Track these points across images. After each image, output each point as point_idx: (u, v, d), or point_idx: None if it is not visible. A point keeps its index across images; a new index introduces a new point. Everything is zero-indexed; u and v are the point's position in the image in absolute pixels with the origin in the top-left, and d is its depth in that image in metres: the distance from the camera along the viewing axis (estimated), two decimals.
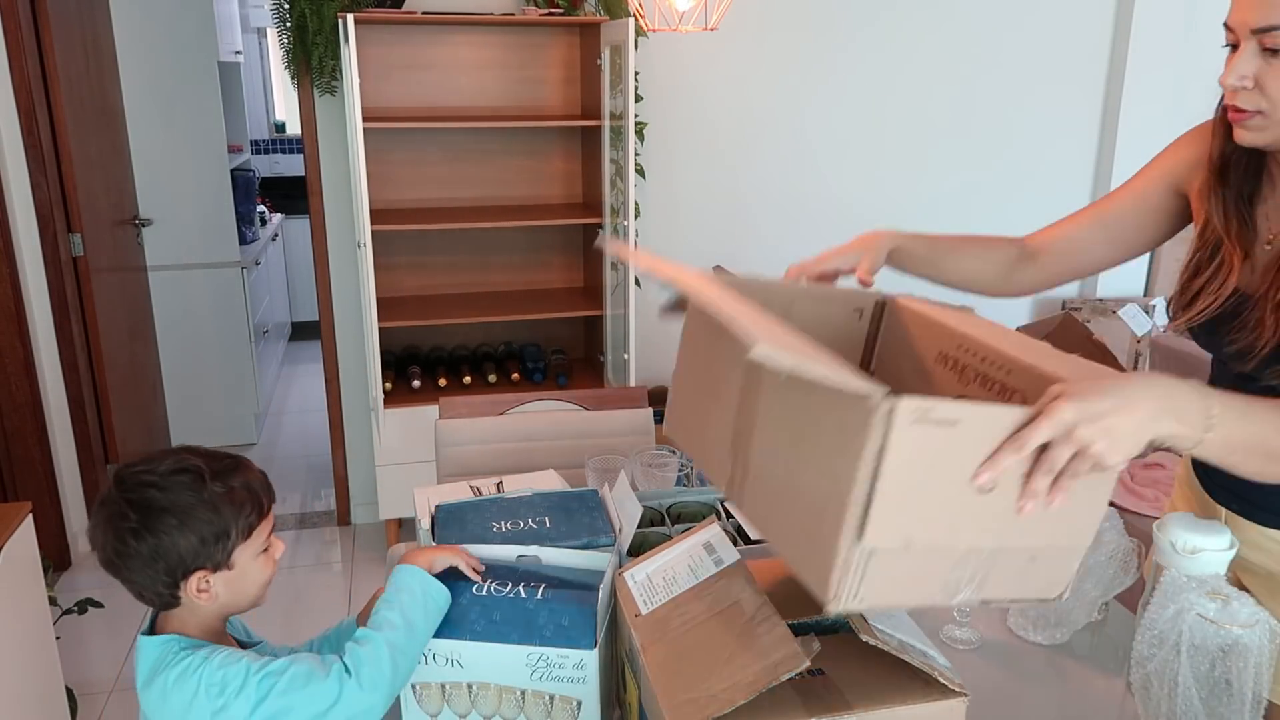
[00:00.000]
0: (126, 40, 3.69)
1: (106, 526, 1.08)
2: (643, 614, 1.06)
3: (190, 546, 1.07)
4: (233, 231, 4.11)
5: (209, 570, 1.09)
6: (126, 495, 1.08)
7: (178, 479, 1.08)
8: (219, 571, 1.10)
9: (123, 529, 1.07)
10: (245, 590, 1.13)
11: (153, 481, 1.08)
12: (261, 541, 1.13)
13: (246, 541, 1.11)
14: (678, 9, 2.71)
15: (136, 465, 1.10)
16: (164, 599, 1.10)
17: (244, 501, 1.10)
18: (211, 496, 1.08)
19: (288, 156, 6.16)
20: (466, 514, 1.36)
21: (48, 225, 3.04)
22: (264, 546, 1.14)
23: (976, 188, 3.80)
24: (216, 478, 1.09)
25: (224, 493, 1.09)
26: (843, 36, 3.53)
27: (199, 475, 1.08)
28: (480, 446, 1.92)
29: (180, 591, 1.09)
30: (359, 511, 3.56)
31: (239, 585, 1.12)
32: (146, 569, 1.07)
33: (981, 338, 1.04)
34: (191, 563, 1.08)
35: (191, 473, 1.08)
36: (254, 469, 1.15)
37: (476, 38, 3.20)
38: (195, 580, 1.08)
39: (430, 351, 3.41)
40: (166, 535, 1.06)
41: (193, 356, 4.10)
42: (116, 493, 1.08)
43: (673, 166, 3.52)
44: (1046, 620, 1.36)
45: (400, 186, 3.27)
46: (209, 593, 1.10)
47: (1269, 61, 1.02)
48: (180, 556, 1.07)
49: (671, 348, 1.27)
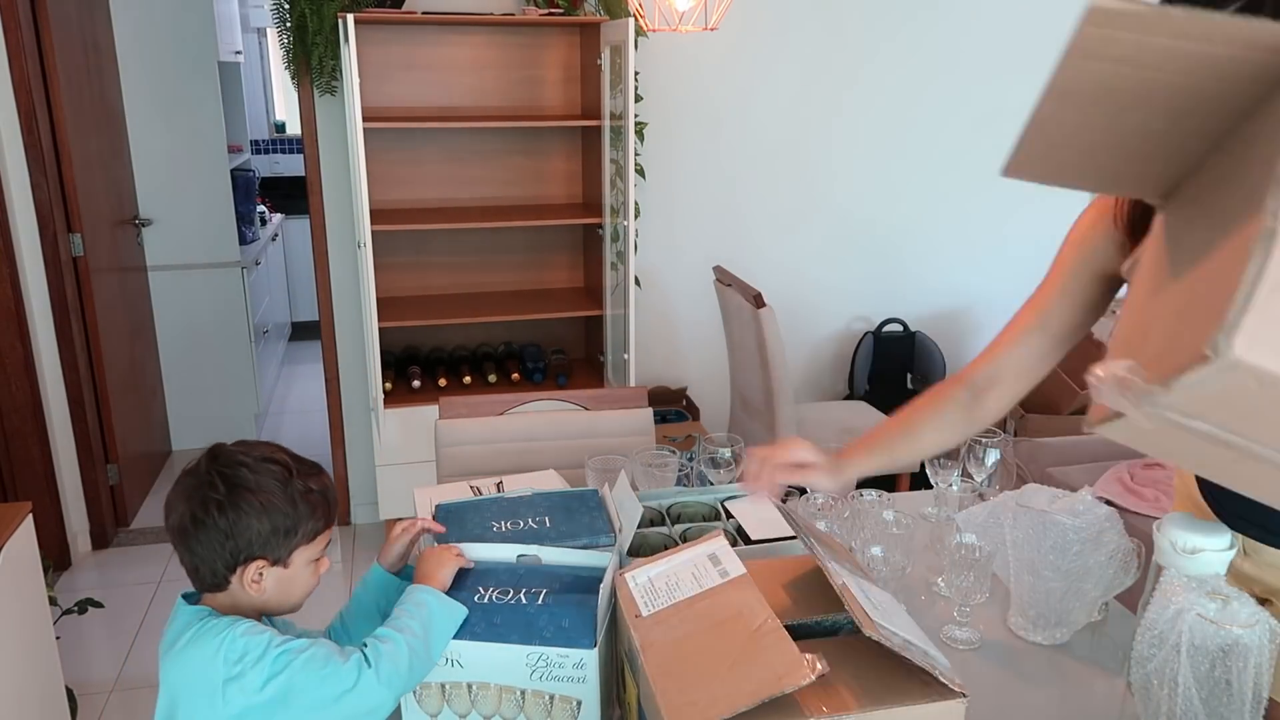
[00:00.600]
0: (126, 40, 3.70)
1: (192, 493, 1.10)
2: (643, 615, 1.06)
3: (263, 532, 1.09)
4: (233, 231, 4.11)
5: (268, 562, 1.11)
6: (220, 469, 1.10)
7: (268, 467, 1.12)
8: (276, 566, 1.12)
9: (209, 499, 1.09)
10: (290, 592, 1.15)
11: (246, 463, 1.11)
12: (319, 549, 1.16)
13: (309, 545, 1.14)
14: (678, 9, 2.71)
15: (232, 445, 1.14)
16: (217, 579, 1.11)
17: (318, 506, 1.14)
18: (294, 491, 1.11)
19: (288, 156, 6.15)
20: (466, 514, 1.36)
21: (48, 225, 3.04)
22: (319, 555, 1.17)
23: (976, 187, 3.80)
24: (301, 476, 1.13)
25: (305, 492, 1.12)
26: (843, 36, 3.53)
27: (287, 469, 1.12)
28: (480, 446, 1.92)
29: (235, 575, 1.11)
30: (359, 511, 3.56)
31: (287, 586, 1.14)
32: (215, 543, 1.09)
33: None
34: (259, 549, 1.10)
35: (281, 465, 1.12)
36: (330, 481, 1.18)
37: (476, 38, 3.20)
38: (253, 568, 1.10)
39: (430, 351, 3.41)
40: (247, 515, 1.09)
41: (193, 356, 4.10)
42: (208, 464, 1.11)
43: (673, 166, 3.52)
44: (1046, 620, 1.36)
45: (400, 186, 3.27)
46: (260, 585, 1.11)
47: None
48: (250, 540, 1.09)
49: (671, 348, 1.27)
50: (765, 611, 0.98)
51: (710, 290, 3.38)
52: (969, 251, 3.89)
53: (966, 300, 3.95)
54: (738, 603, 1.02)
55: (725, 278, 3.20)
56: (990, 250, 3.90)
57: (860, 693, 0.92)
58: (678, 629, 1.02)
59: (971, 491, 1.67)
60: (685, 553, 1.15)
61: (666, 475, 1.64)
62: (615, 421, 1.97)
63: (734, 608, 1.01)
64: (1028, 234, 3.91)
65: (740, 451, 1.66)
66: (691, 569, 1.11)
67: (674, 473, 1.66)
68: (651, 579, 1.12)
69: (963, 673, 0.97)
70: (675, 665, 0.97)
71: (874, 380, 3.81)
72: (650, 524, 1.45)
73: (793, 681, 0.88)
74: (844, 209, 3.73)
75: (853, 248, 3.78)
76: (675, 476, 1.66)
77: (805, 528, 1.14)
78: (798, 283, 3.74)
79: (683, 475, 1.70)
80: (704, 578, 1.09)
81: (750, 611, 1.00)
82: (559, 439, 1.93)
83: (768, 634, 0.95)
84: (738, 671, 0.92)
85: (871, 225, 3.78)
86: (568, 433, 1.95)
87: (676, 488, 1.61)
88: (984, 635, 1.37)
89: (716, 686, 0.91)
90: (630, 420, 1.98)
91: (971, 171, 3.78)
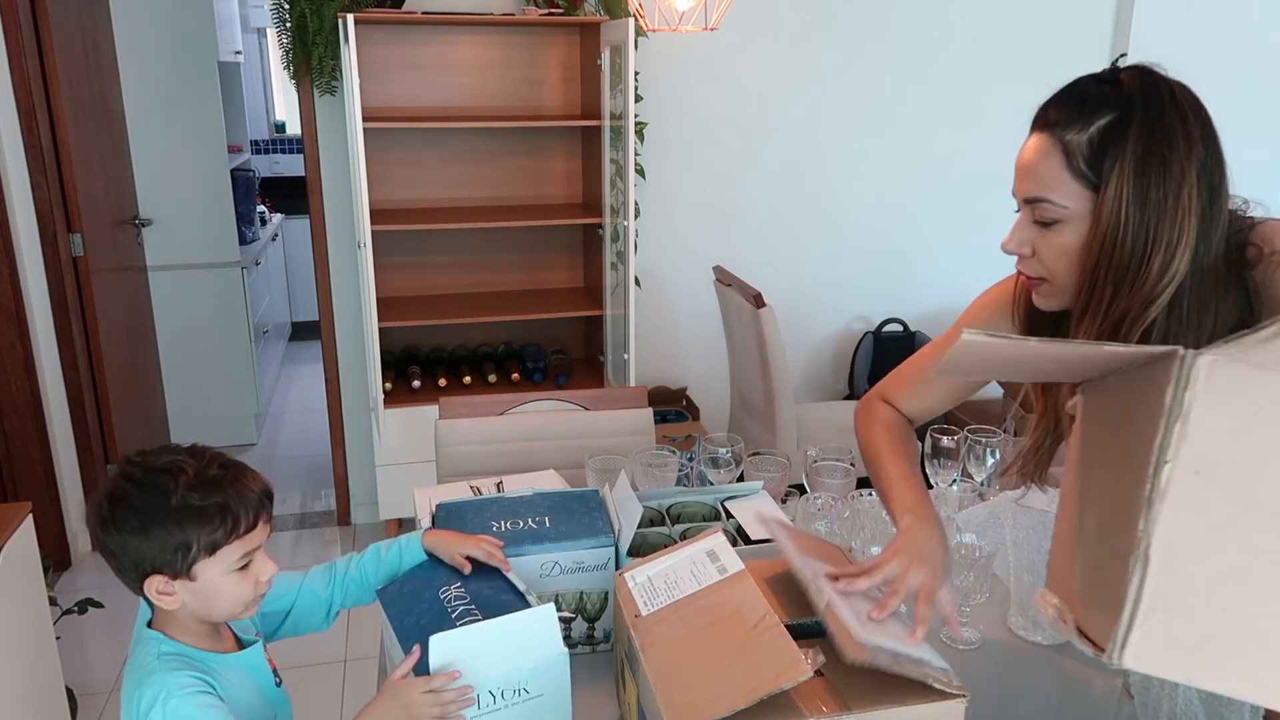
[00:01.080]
0: (126, 40, 3.69)
1: (91, 512, 1.09)
2: (643, 615, 1.06)
3: (149, 550, 1.05)
4: (233, 231, 4.11)
5: (169, 576, 1.06)
6: (109, 485, 1.08)
7: (156, 479, 1.06)
8: (179, 580, 1.07)
9: (98, 516, 1.07)
10: (212, 604, 1.09)
11: (134, 476, 1.07)
12: (232, 561, 1.08)
13: (210, 558, 1.06)
14: (678, 9, 2.71)
15: (136, 456, 1.10)
16: (136, 592, 1.10)
17: (212, 518, 1.06)
18: (180, 505, 1.05)
19: (288, 156, 6.16)
20: (466, 514, 1.36)
21: (48, 225, 3.04)
22: (238, 565, 1.09)
23: (977, 187, 3.80)
24: (196, 487, 1.06)
25: (195, 506, 1.05)
26: (843, 36, 3.53)
27: (175, 477, 1.06)
28: (480, 446, 1.92)
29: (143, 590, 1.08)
30: (359, 511, 3.56)
31: (205, 598, 1.09)
32: (113, 559, 1.08)
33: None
34: (150, 566, 1.06)
35: (172, 475, 1.06)
36: (249, 487, 1.10)
37: (476, 38, 3.20)
38: (155, 582, 1.07)
39: (430, 351, 3.41)
40: (129, 534, 1.05)
41: (193, 356, 4.10)
42: (110, 479, 1.09)
43: (673, 166, 3.52)
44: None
45: (400, 186, 3.27)
46: (172, 596, 1.07)
47: (1041, 232, 1.06)
48: (139, 557, 1.06)
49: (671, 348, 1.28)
50: (763, 608, 0.98)
51: (710, 290, 3.38)
52: (969, 251, 3.88)
53: (966, 300, 3.93)
54: (736, 599, 1.02)
55: (725, 278, 3.20)
56: (990, 250, 3.86)
57: (860, 692, 0.91)
58: (677, 628, 1.02)
59: (971, 491, 1.67)
60: (684, 550, 1.15)
61: (666, 475, 1.64)
62: (615, 421, 1.97)
63: (732, 605, 1.01)
64: None
65: (740, 451, 1.66)
66: (690, 566, 1.11)
67: (674, 473, 1.66)
68: (650, 578, 1.12)
69: (963, 673, 0.97)
70: (674, 664, 0.97)
71: (874, 380, 3.79)
72: (650, 524, 1.45)
73: (790, 678, 0.88)
74: (844, 208, 3.73)
75: (853, 247, 3.78)
76: (675, 476, 1.66)
77: (798, 546, 1.13)
78: (798, 282, 3.74)
79: (683, 475, 1.69)
80: (703, 575, 1.09)
81: (749, 608, 1.00)
82: (559, 439, 1.93)
83: (766, 631, 0.95)
84: (736, 669, 0.92)
85: (871, 225, 3.78)
86: (568, 433, 1.94)
87: (676, 488, 1.61)
88: (984, 635, 1.37)
89: (715, 685, 0.91)
90: (630, 420, 1.98)
91: (971, 171, 3.78)
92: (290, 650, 1.25)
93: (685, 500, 1.51)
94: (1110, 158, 0.99)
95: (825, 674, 0.94)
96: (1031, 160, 1.05)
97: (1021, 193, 1.08)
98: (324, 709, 2.49)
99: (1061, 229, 1.04)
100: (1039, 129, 1.05)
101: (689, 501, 1.51)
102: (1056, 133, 1.03)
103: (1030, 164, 1.05)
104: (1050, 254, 1.07)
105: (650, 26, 2.84)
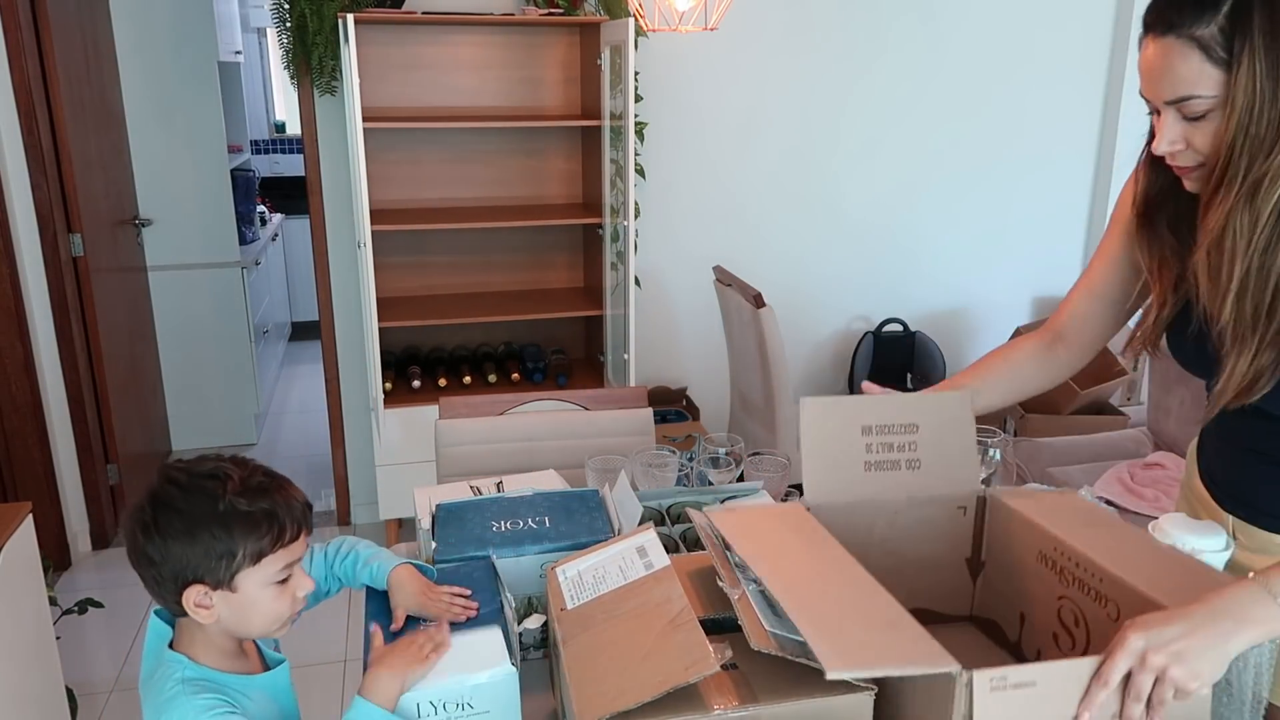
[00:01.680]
0: (126, 40, 3.70)
1: (131, 517, 1.06)
2: (568, 608, 1.07)
3: (194, 557, 1.03)
4: (233, 231, 4.11)
5: (209, 586, 1.04)
6: (153, 490, 1.05)
7: (203, 484, 1.04)
8: (220, 590, 1.05)
9: (140, 522, 1.04)
10: (250, 618, 1.08)
11: (180, 481, 1.05)
12: (274, 572, 1.06)
13: (254, 567, 1.05)
14: (678, 9, 2.71)
15: (181, 462, 1.08)
16: (170, 605, 1.07)
17: (259, 524, 1.04)
18: (227, 511, 1.03)
19: (288, 156, 6.16)
20: (466, 514, 1.36)
21: (48, 225, 3.04)
22: (279, 578, 1.07)
23: (976, 187, 3.80)
24: (243, 494, 1.04)
25: (242, 512, 1.03)
26: (842, 36, 3.53)
27: (223, 484, 1.04)
28: (480, 446, 1.92)
29: (181, 600, 1.05)
30: (359, 511, 3.56)
31: (243, 611, 1.07)
32: (152, 568, 1.04)
33: (1074, 544, 1.09)
34: (192, 574, 1.03)
35: (219, 480, 1.04)
36: (294, 497, 1.10)
37: (476, 38, 3.20)
38: (194, 593, 1.04)
39: (430, 351, 3.41)
40: (174, 540, 1.03)
41: (193, 356, 4.10)
42: (152, 485, 1.06)
43: (673, 166, 3.52)
44: None
45: (400, 186, 3.27)
46: (209, 610, 1.05)
47: (1190, 125, 1.09)
48: (182, 565, 1.03)
49: (671, 348, 1.28)
50: (682, 603, 0.99)
51: (710, 290, 3.39)
52: (969, 251, 3.89)
53: (966, 300, 3.95)
54: (659, 595, 1.03)
55: (725, 278, 3.20)
56: (990, 250, 3.90)
57: (770, 685, 0.93)
58: (599, 621, 1.03)
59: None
60: (615, 546, 1.16)
61: (666, 475, 1.64)
62: (615, 421, 1.97)
63: (655, 600, 1.02)
64: (1027, 234, 3.92)
65: (740, 451, 1.66)
66: (619, 562, 1.12)
67: (674, 473, 1.65)
68: (580, 572, 1.13)
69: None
70: (590, 657, 0.98)
71: (874, 380, 3.81)
72: (650, 524, 1.45)
73: (698, 671, 0.88)
74: (844, 208, 3.73)
75: (853, 247, 3.78)
76: (675, 476, 1.66)
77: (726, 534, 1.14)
78: (798, 282, 3.74)
79: (683, 475, 1.69)
80: (630, 570, 1.10)
81: (669, 604, 1.01)
82: (559, 439, 1.93)
83: (682, 626, 0.96)
84: (649, 663, 0.92)
85: (871, 225, 3.78)
86: (568, 433, 1.94)
87: (676, 488, 1.61)
88: None
89: (626, 677, 0.92)
90: (630, 420, 1.98)
91: (971, 171, 3.78)
92: (290, 650, 1.25)
93: (685, 500, 1.51)
94: (1239, 38, 1.02)
95: (739, 667, 0.95)
96: (1167, 63, 1.07)
97: (1162, 96, 1.09)
98: (324, 709, 2.49)
99: (1213, 116, 1.07)
100: (1161, 33, 1.07)
101: (689, 501, 1.51)
102: (1185, 31, 1.05)
103: (1166, 67, 1.08)
104: (1203, 141, 1.09)
105: (650, 26, 2.84)
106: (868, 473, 1.24)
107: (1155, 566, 1.02)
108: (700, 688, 0.91)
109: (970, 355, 3.99)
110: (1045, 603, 1.13)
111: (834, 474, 1.23)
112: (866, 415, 1.25)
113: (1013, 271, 3.95)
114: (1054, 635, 1.12)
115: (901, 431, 1.25)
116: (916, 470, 1.24)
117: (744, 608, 0.98)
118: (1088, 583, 1.06)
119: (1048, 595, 1.12)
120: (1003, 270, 3.93)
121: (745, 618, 0.96)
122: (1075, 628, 1.09)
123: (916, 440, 1.26)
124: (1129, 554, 1.05)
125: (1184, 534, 1.13)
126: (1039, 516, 1.16)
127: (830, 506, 1.21)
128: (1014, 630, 1.20)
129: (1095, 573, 1.05)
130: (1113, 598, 1.02)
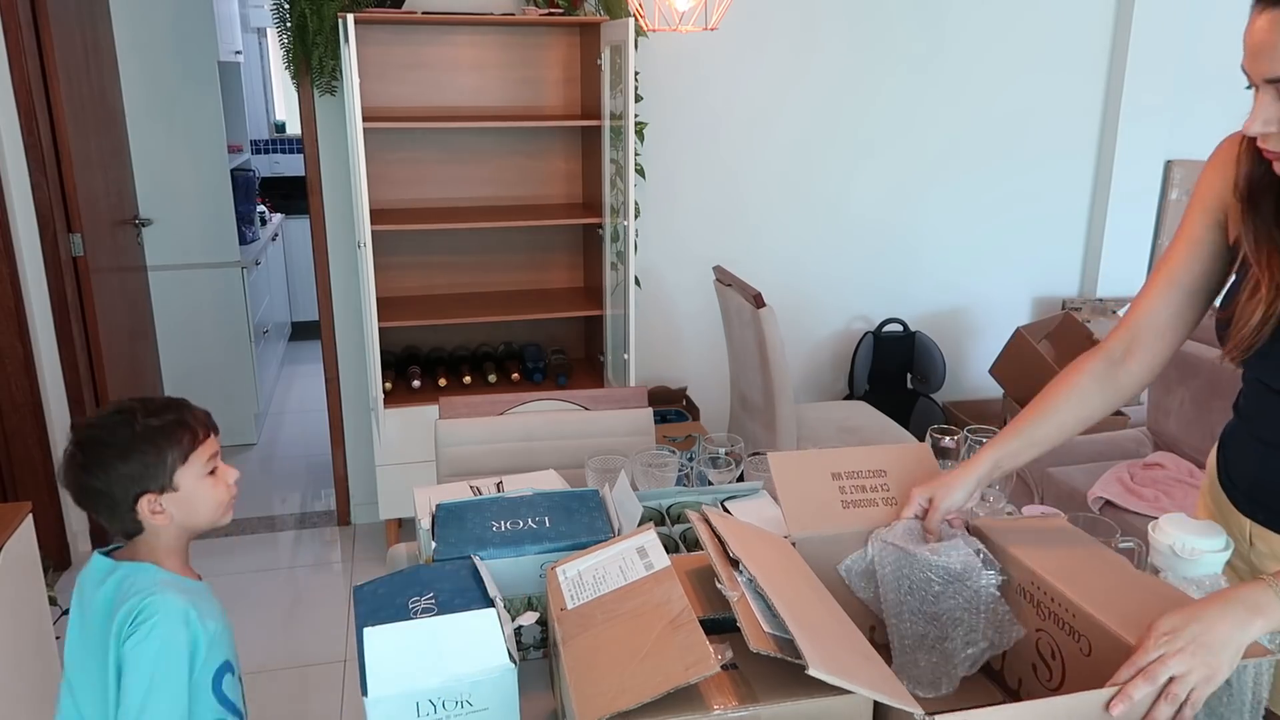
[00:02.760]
0: (126, 40, 3.70)
1: (66, 470, 1.26)
2: (568, 608, 1.07)
3: (133, 472, 1.24)
4: (233, 231, 4.11)
5: (156, 493, 1.25)
6: (76, 439, 1.27)
7: (114, 419, 1.26)
8: (166, 493, 1.26)
9: (79, 467, 1.25)
10: (197, 509, 1.30)
11: (94, 423, 1.27)
12: (202, 465, 1.29)
13: (185, 465, 1.27)
14: (678, 9, 2.71)
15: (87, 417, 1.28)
16: (128, 526, 1.27)
17: (174, 431, 1.27)
18: (145, 428, 1.25)
19: (288, 156, 6.16)
20: (466, 514, 1.36)
21: (48, 225, 3.04)
22: (208, 470, 1.30)
23: (976, 187, 3.80)
24: (150, 414, 1.26)
25: (157, 425, 1.26)
26: (843, 36, 3.53)
27: (132, 413, 1.26)
28: (480, 446, 1.92)
29: (139, 516, 1.25)
30: (359, 511, 3.56)
31: (190, 505, 1.29)
32: (103, 499, 1.24)
33: (1049, 578, 1.10)
34: (138, 487, 1.24)
35: (125, 412, 1.26)
36: (191, 407, 1.32)
37: (476, 38, 3.20)
38: (146, 502, 1.25)
39: (430, 351, 3.41)
40: (111, 466, 1.23)
41: (193, 356, 4.10)
42: (69, 442, 1.27)
43: (673, 166, 3.52)
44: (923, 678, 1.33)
45: (400, 186, 3.27)
46: (163, 514, 1.26)
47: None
48: (127, 482, 1.24)
49: (671, 348, 1.28)
50: (682, 604, 1.00)
51: (710, 290, 3.39)
52: (969, 251, 3.89)
53: (966, 300, 3.95)
54: (659, 596, 1.03)
55: (725, 277, 3.20)
56: (990, 250, 3.90)
57: (770, 686, 0.93)
58: (599, 622, 1.03)
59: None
60: (615, 546, 1.16)
61: (666, 475, 1.64)
62: (615, 421, 1.97)
63: (655, 600, 1.03)
64: (1027, 234, 3.92)
65: (740, 451, 1.66)
66: (619, 562, 1.12)
67: (674, 473, 1.65)
68: (580, 572, 1.13)
69: None
70: (590, 657, 0.98)
71: (874, 380, 3.82)
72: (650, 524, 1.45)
73: (698, 671, 0.88)
74: (844, 208, 3.73)
75: (853, 247, 3.79)
76: (675, 476, 1.66)
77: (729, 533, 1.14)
78: (798, 282, 3.74)
79: (683, 475, 1.69)
80: (630, 571, 1.10)
81: (669, 604, 1.01)
82: (559, 439, 1.93)
83: (682, 626, 0.96)
84: (649, 663, 0.93)
85: (871, 225, 3.78)
86: (568, 433, 1.94)
87: (676, 488, 1.61)
88: None
89: (627, 678, 0.92)
90: (630, 420, 1.98)
91: (971, 172, 3.78)
92: (290, 650, 1.26)
93: (685, 500, 1.52)
94: None
95: (739, 667, 0.95)
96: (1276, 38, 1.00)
97: (1263, 73, 1.02)
98: (324, 709, 2.49)
99: None
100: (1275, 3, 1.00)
101: (689, 501, 1.51)
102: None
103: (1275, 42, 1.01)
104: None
105: (650, 26, 2.84)
106: (846, 510, 1.27)
107: (1130, 601, 1.03)
108: (700, 688, 0.91)
109: (970, 355, 3.99)
110: (1024, 634, 1.14)
111: (813, 511, 1.26)
112: (834, 464, 1.31)
113: (1013, 271, 3.95)
114: (1033, 666, 1.13)
115: (870, 475, 1.32)
116: (893, 506, 1.28)
117: (743, 609, 0.98)
118: (1061, 617, 1.07)
119: (1026, 626, 1.13)
120: (1003, 270, 3.93)
121: (744, 620, 0.96)
122: (1051, 660, 1.09)
123: (887, 482, 1.31)
124: (1105, 588, 1.06)
125: (1184, 534, 1.13)
126: (1018, 549, 1.17)
127: (812, 539, 1.23)
128: (996, 659, 1.20)
129: (1068, 608, 1.06)
130: (1084, 633, 1.03)
